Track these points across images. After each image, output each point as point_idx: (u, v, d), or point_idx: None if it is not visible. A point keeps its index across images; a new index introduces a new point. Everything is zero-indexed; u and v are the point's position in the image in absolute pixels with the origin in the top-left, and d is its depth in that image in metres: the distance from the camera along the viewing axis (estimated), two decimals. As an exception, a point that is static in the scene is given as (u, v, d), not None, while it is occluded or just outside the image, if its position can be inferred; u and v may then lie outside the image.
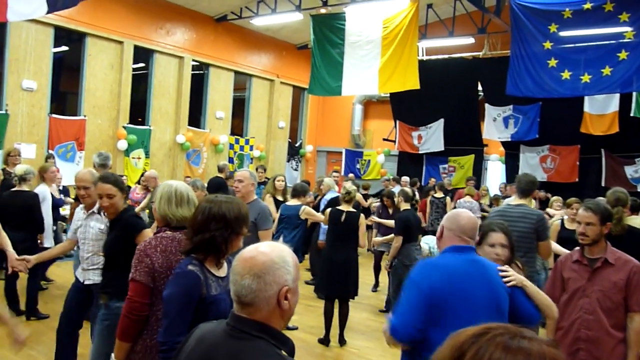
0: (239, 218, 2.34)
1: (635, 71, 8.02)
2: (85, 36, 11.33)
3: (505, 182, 12.48)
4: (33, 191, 5.91)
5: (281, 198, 7.18)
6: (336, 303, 5.75)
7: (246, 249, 1.53)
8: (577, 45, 8.54)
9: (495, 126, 13.10)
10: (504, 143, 13.47)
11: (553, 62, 8.60)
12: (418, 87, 9.63)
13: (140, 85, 12.65)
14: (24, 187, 5.76)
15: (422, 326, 2.34)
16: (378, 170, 16.15)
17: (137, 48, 12.20)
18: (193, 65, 13.51)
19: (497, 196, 11.04)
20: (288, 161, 16.85)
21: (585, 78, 8.41)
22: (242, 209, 2.38)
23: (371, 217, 8.03)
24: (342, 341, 5.72)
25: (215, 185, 8.58)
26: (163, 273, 2.54)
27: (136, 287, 2.53)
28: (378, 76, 9.95)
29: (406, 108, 14.35)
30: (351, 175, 13.46)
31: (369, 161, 16.38)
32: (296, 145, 17.23)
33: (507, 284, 2.47)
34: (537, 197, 10.36)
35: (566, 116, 11.83)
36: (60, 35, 11.05)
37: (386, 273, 7.06)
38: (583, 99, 11.55)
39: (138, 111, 12.61)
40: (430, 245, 5.62)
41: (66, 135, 10.99)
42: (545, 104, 11.85)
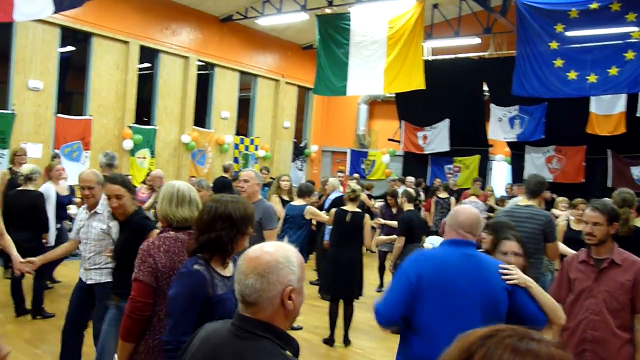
0: (245, 218, 2.34)
1: (642, 71, 7.99)
2: (91, 36, 11.37)
3: (511, 183, 12.41)
4: (38, 190, 5.93)
5: (287, 198, 7.17)
6: (341, 303, 5.75)
7: (251, 249, 1.53)
8: (584, 45, 8.49)
9: (500, 126, 13.05)
10: (510, 143, 13.41)
11: (559, 62, 8.56)
12: (423, 87, 9.61)
13: (145, 85, 12.68)
14: (30, 187, 5.78)
15: (405, 313, 2.44)
16: (383, 170, 16.12)
17: (143, 48, 12.23)
18: (198, 65, 13.53)
19: (503, 197, 10.99)
20: (293, 161, 16.86)
21: (591, 78, 8.36)
22: (248, 209, 2.38)
23: (376, 219, 7.98)
24: (347, 341, 5.71)
25: (220, 185, 8.60)
26: (166, 273, 2.54)
27: (139, 287, 2.53)
28: (383, 76, 9.92)
29: (411, 108, 14.33)
30: (356, 175, 13.42)
31: (374, 161, 16.35)
32: (301, 145, 17.23)
33: (508, 282, 2.45)
34: (543, 198, 10.30)
35: (572, 116, 11.77)
36: (66, 35, 11.09)
37: (390, 274, 7.04)
38: (589, 99, 11.50)
39: (143, 111, 12.64)
40: (434, 245, 5.58)
41: (72, 135, 11.03)
42: (551, 104, 11.79)
